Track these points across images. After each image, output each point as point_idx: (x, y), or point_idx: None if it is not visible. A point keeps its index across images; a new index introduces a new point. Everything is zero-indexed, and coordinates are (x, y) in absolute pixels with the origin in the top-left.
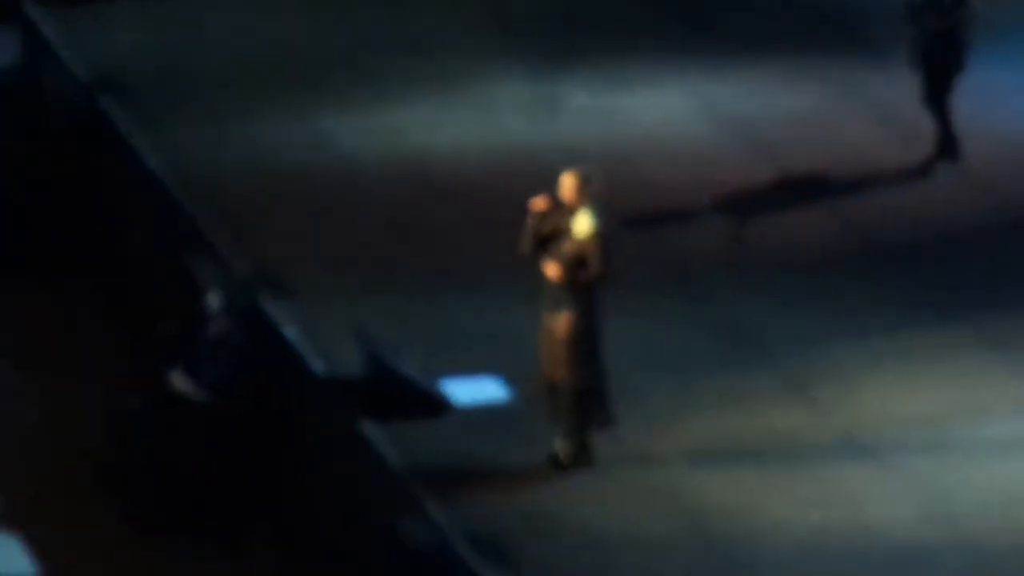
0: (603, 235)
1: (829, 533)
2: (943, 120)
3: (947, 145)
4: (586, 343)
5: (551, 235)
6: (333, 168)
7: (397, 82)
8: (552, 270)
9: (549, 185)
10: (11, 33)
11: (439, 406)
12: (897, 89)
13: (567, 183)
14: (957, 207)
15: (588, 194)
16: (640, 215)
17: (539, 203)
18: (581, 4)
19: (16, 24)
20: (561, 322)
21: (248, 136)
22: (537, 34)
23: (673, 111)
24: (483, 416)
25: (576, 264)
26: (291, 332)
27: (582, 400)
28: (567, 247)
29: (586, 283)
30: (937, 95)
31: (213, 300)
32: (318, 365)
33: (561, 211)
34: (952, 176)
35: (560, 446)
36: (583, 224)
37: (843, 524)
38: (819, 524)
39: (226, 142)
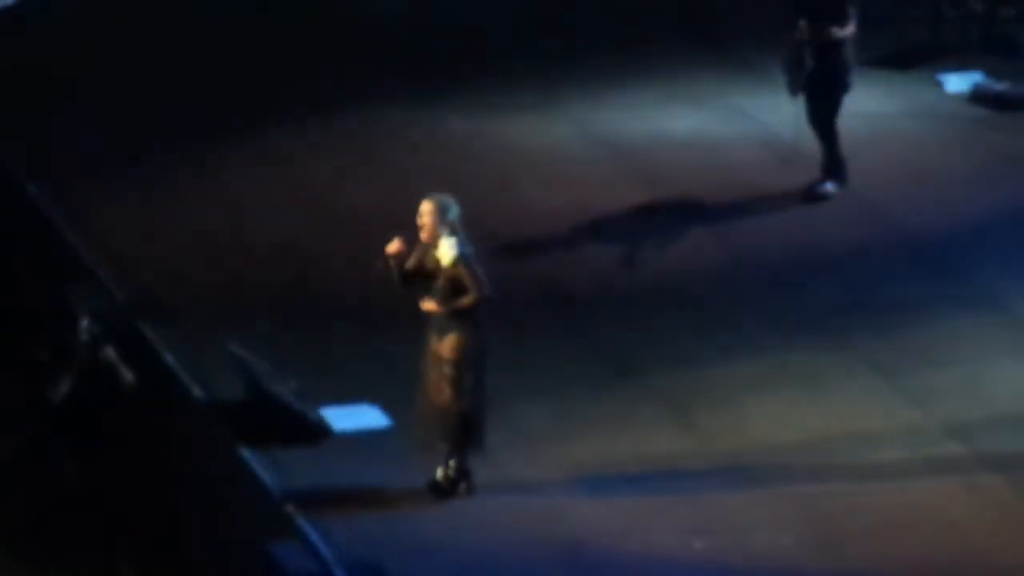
0: (465, 257)
1: (713, 561)
2: (829, 142)
3: (833, 168)
4: (472, 367)
5: (416, 271)
6: (214, 194)
7: (276, 108)
8: (429, 305)
9: None
10: None
11: (318, 432)
12: (779, 111)
13: (424, 211)
14: (842, 231)
15: (446, 222)
16: (519, 240)
17: (393, 247)
18: (459, 30)
19: None
20: (447, 344)
21: (129, 162)
22: (414, 60)
23: (552, 136)
24: (362, 442)
25: (452, 293)
26: (170, 358)
27: (464, 424)
28: (440, 280)
29: (467, 308)
30: (822, 117)
31: (90, 326)
32: (197, 391)
33: (425, 245)
34: (837, 199)
35: (441, 472)
36: (444, 251)
37: (727, 551)
38: (702, 551)
39: (105, 168)
